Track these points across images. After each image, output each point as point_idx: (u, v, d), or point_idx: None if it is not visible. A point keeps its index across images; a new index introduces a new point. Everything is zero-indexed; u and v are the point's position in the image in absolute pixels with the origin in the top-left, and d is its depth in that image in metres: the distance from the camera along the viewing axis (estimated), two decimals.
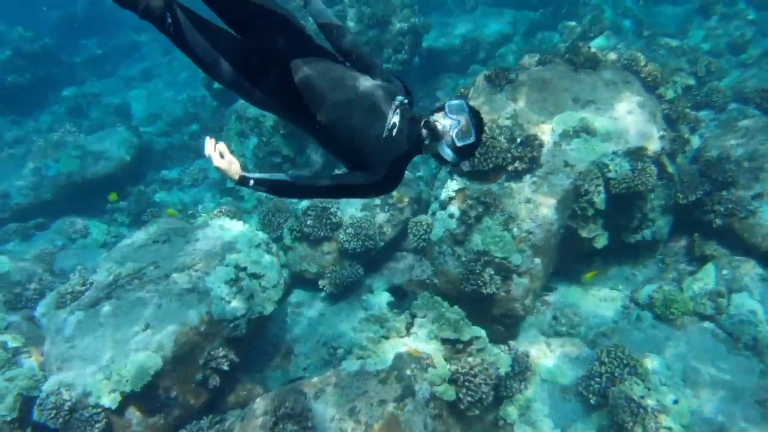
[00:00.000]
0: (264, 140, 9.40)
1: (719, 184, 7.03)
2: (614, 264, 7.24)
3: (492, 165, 6.40)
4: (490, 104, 6.89)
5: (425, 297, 6.03)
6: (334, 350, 6.94)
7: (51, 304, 6.86)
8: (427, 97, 11.38)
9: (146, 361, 5.73)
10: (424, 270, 6.50)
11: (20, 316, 7.18)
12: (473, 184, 6.50)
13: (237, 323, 6.25)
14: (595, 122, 6.61)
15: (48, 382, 5.87)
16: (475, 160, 6.40)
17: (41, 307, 7.03)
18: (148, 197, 10.60)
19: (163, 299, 6.29)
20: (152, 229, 7.43)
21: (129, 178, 11.12)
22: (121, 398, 5.57)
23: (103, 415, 5.61)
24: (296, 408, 5.01)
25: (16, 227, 9.99)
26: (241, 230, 7.15)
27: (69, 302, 6.69)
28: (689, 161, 7.46)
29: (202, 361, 6.09)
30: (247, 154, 9.75)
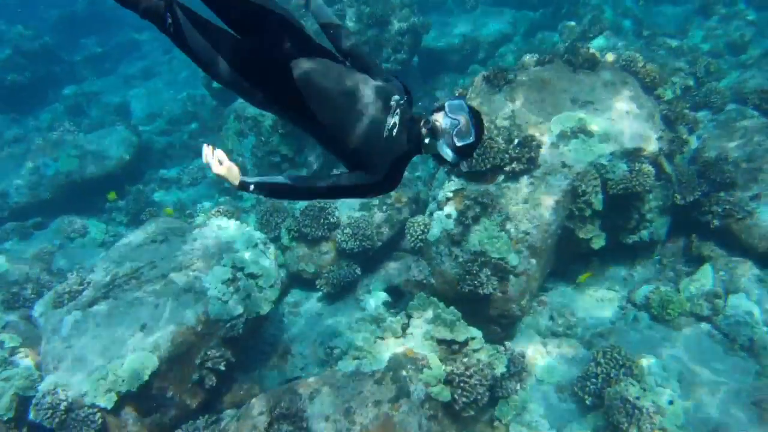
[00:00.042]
0: (263, 140, 9.40)
1: (717, 185, 7.02)
2: (611, 265, 7.24)
3: (489, 165, 6.40)
4: (489, 104, 6.88)
5: (421, 297, 6.03)
6: (331, 350, 6.94)
7: (48, 303, 6.86)
8: (427, 96, 11.38)
9: (142, 361, 5.73)
10: (421, 270, 6.51)
11: (18, 315, 7.19)
12: (471, 184, 6.50)
13: (234, 323, 6.25)
14: (593, 123, 6.61)
15: (44, 382, 5.87)
16: (473, 160, 6.40)
17: (38, 306, 7.04)
18: (147, 196, 10.61)
19: (160, 299, 6.29)
20: (150, 229, 7.43)
21: (128, 177, 11.13)
22: (117, 398, 5.57)
23: (99, 415, 5.60)
24: (291, 408, 5.01)
25: (15, 226, 10.00)
26: (238, 230, 7.15)
27: (66, 302, 6.69)
28: (687, 162, 7.46)
29: (199, 361, 6.09)
30: (246, 153, 9.76)
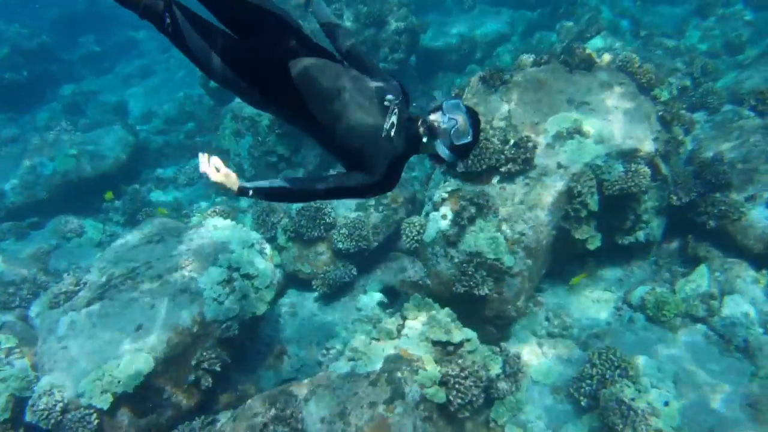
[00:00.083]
0: (259, 140, 9.40)
1: (713, 185, 7.02)
2: (607, 265, 7.24)
3: (485, 166, 6.40)
4: (485, 105, 6.88)
5: (416, 299, 6.03)
6: (327, 351, 6.95)
7: (44, 304, 6.86)
8: (424, 96, 11.38)
9: (138, 361, 5.73)
10: (416, 271, 6.52)
11: (14, 315, 7.16)
12: (466, 185, 6.50)
13: (229, 324, 6.25)
14: (589, 124, 6.60)
15: (40, 383, 5.86)
16: (469, 161, 6.40)
17: (35, 307, 7.04)
18: (144, 196, 10.60)
19: (155, 300, 6.29)
20: (146, 229, 7.43)
21: (125, 176, 11.11)
22: (112, 399, 5.56)
23: (95, 416, 5.60)
24: (287, 410, 5.02)
25: (11, 226, 9.97)
26: (234, 230, 7.15)
27: (62, 302, 6.70)
28: (683, 163, 7.47)
29: (195, 362, 6.09)
30: (243, 153, 9.76)
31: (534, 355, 6.42)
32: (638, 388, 5.74)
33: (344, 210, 7.90)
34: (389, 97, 2.92)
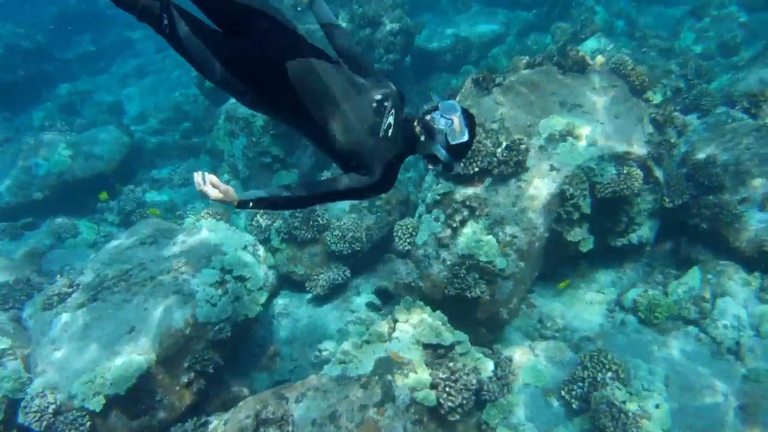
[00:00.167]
0: (254, 140, 9.39)
1: (706, 188, 7.04)
2: (600, 268, 7.25)
3: (477, 169, 6.41)
4: (477, 107, 6.88)
5: (408, 302, 6.04)
6: (320, 352, 6.96)
7: (37, 305, 6.86)
8: (419, 97, 11.38)
9: (131, 363, 5.74)
10: (409, 273, 6.52)
11: (7, 317, 7.15)
12: (459, 187, 6.51)
13: (222, 326, 6.26)
14: (582, 126, 6.61)
15: (33, 385, 5.87)
16: (465, 162, 6.40)
17: (28, 308, 7.04)
18: (138, 197, 10.58)
19: (148, 301, 6.29)
20: (140, 231, 7.43)
21: (120, 177, 11.10)
22: (105, 401, 5.57)
23: (87, 418, 5.61)
24: (278, 412, 5.03)
25: (5, 226, 9.97)
26: (228, 232, 7.15)
27: (55, 304, 6.70)
28: (676, 165, 7.48)
29: (187, 364, 6.09)
30: (237, 154, 9.75)
31: (526, 357, 6.42)
32: (629, 391, 5.75)
33: (337, 212, 7.90)
34: (379, 97, 2.93)
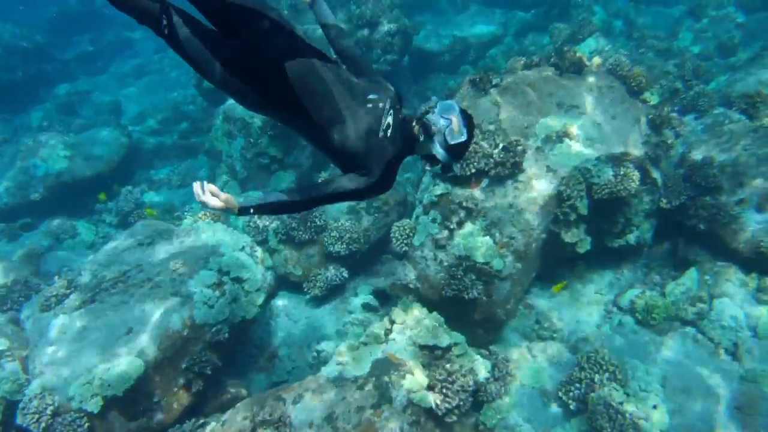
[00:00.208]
0: (251, 141, 9.39)
1: (703, 189, 7.05)
2: (598, 269, 7.26)
3: (474, 170, 6.41)
4: (474, 108, 6.87)
5: (404, 303, 6.05)
6: (317, 354, 6.97)
7: (35, 306, 6.87)
8: (417, 97, 11.39)
9: (129, 365, 5.75)
10: (406, 274, 6.52)
11: (5, 318, 7.16)
12: (456, 189, 6.51)
13: (219, 327, 6.27)
14: (579, 127, 6.62)
15: (31, 386, 5.87)
16: (462, 164, 6.40)
17: (26, 309, 7.05)
18: (137, 197, 10.58)
19: (146, 303, 6.30)
20: (137, 232, 7.44)
21: (118, 177, 11.10)
22: (103, 402, 5.57)
23: (85, 419, 5.62)
24: (275, 414, 5.04)
25: (3, 227, 9.97)
26: (225, 233, 7.16)
27: (53, 305, 6.71)
28: (673, 166, 7.48)
29: (185, 365, 6.11)
30: (235, 154, 9.75)
31: (523, 358, 6.43)
32: (627, 392, 5.77)
33: (335, 212, 7.90)
34: (377, 97, 2.95)
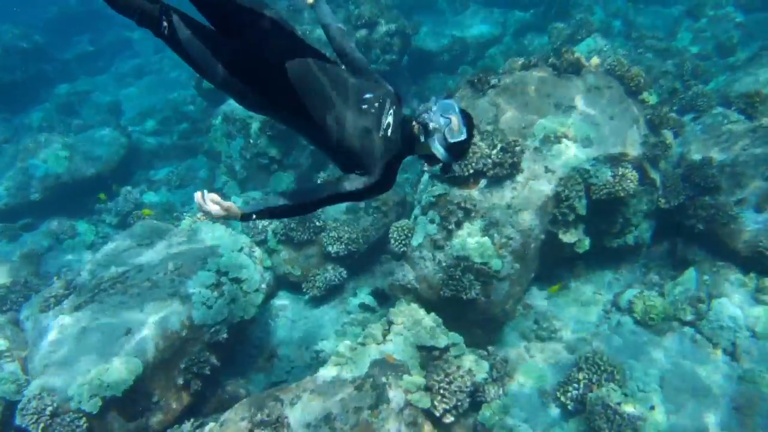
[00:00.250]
0: (251, 142, 9.40)
1: (702, 189, 7.04)
2: (597, 269, 7.26)
3: (472, 171, 6.41)
4: (473, 109, 6.87)
5: (402, 304, 6.06)
6: (316, 354, 6.98)
7: (35, 307, 6.89)
8: (416, 97, 11.39)
9: (127, 365, 5.75)
10: (405, 275, 6.52)
11: (5, 318, 7.18)
12: (454, 189, 6.52)
13: (218, 328, 6.28)
14: (577, 128, 6.62)
15: (30, 387, 5.88)
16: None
17: (25, 310, 7.07)
18: (136, 198, 10.58)
19: (145, 304, 6.31)
20: (136, 232, 7.46)
21: (117, 178, 11.11)
22: (101, 403, 5.58)
23: (84, 420, 5.61)
24: (272, 414, 5.04)
25: (3, 227, 9.97)
26: (224, 234, 7.17)
27: (52, 306, 6.72)
28: (672, 166, 7.48)
29: (184, 366, 6.12)
30: (234, 155, 9.76)
31: (522, 358, 6.44)
32: (625, 392, 5.77)
33: (334, 213, 7.91)
34: (377, 96, 2.96)
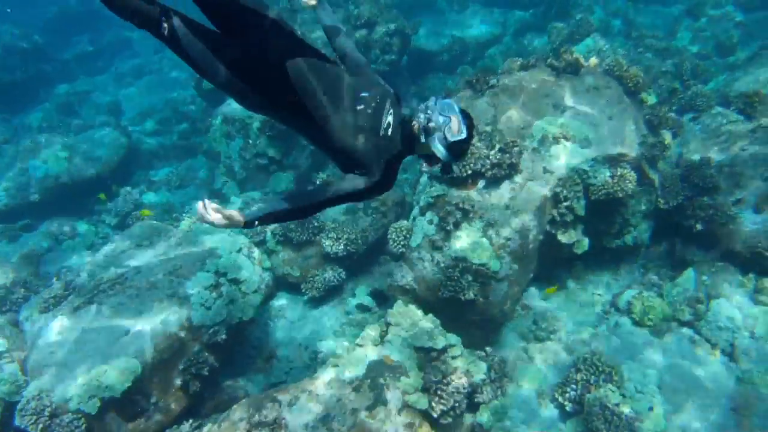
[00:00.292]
0: (250, 142, 9.40)
1: (700, 189, 7.04)
2: (595, 269, 7.26)
3: (471, 171, 6.41)
4: (471, 109, 6.82)
5: (400, 305, 6.06)
6: (315, 355, 6.98)
7: (34, 308, 6.91)
8: (416, 97, 11.38)
9: (126, 366, 5.77)
10: (403, 275, 6.52)
11: (4, 319, 7.20)
12: (452, 190, 6.51)
13: (217, 329, 6.29)
14: (575, 128, 6.61)
15: (29, 388, 5.90)
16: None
17: (24, 311, 7.09)
18: (136, 198, 10.59)
19: (144, 305, 6.32)
20: (136, 233, 7.47)
21: (117, 178, 11.12)
22: (100, 404, 5.59)
23: (83, 420, 5.63)
24: (270, 416, 5.05)
25: (3, 228, 9.98)
26: (223, 234, 7.17)
27: (52, 307, 6.74)
28: (671, 166, 7.47)
29: (183, 367, 6.13)
30: (234, 155, 9.76)
31: (520, 359, 6.44)
32: (623, 393, 5.77)
33: (333, 213, 7.91)
34: (377, 96, 2.96)
